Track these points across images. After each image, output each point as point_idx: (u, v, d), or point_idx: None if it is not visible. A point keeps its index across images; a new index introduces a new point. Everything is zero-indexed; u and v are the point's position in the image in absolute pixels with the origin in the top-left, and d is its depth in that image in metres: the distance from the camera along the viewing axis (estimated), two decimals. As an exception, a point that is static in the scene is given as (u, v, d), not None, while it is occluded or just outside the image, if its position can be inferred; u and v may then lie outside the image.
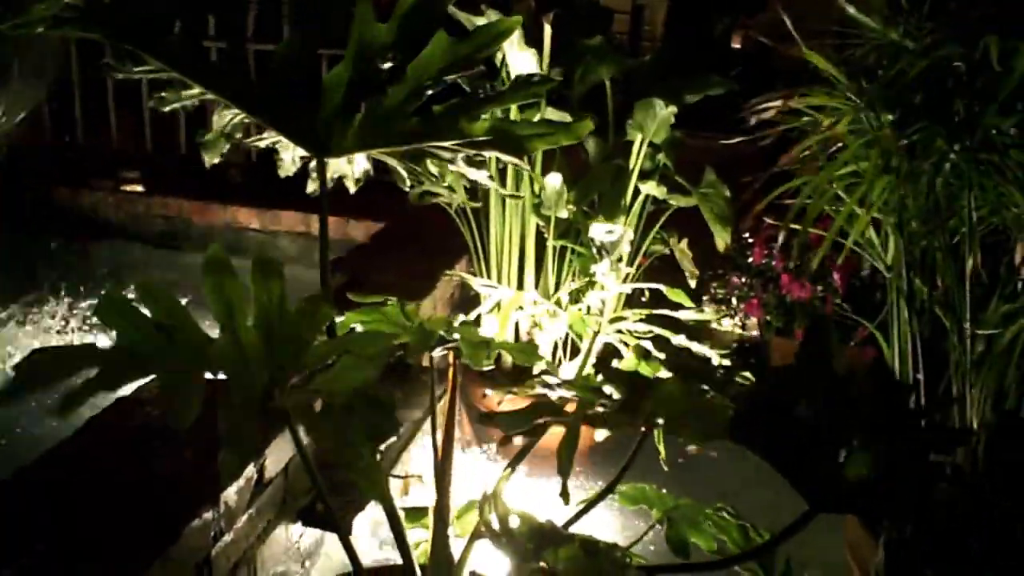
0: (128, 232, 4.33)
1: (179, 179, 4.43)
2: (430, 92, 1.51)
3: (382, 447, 1.42)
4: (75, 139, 5.05)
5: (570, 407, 1.54)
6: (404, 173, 1.71)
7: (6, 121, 3.47)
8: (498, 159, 2.04)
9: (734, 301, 3.43)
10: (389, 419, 1.35)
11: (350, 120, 1.48)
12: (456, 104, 1.46)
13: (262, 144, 1.77)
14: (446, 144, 1.49)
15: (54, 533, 1.67)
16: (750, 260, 3.27)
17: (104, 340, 3.22)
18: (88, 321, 3.62)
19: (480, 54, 1.48)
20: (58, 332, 3.61)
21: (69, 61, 4.85)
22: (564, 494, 1.44)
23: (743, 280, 3.31)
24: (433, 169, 1.66)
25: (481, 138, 1.44)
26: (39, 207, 4.38)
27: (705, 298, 3.58)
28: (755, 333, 3.42)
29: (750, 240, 3.32)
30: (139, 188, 4.37)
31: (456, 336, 1.72)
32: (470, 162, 1.62)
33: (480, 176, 1.66)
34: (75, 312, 3.70)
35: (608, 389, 1.44)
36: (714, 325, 3.40)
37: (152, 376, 1.31)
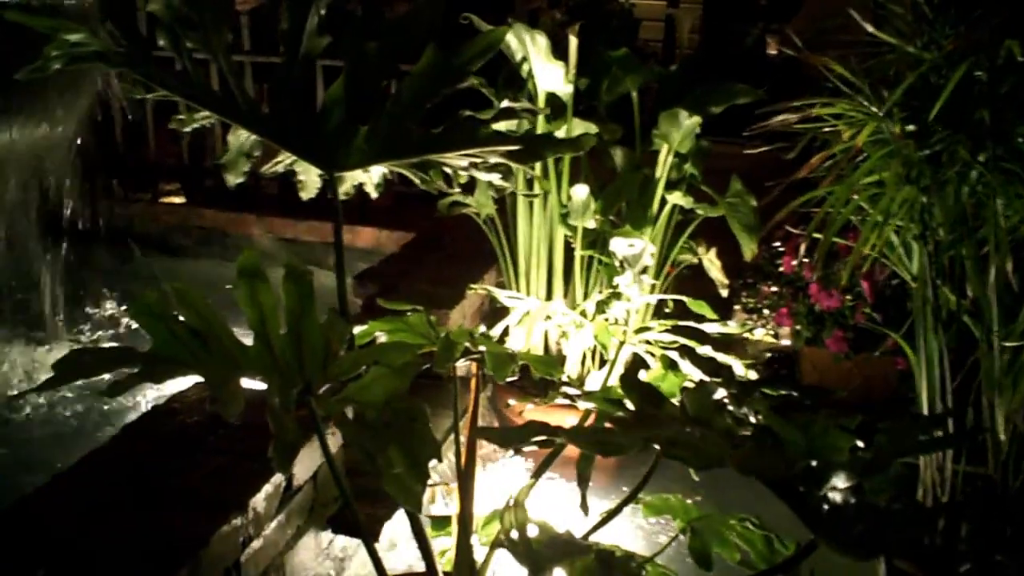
0: (166, 242, 4.42)
1: (215, 190, 4.51)
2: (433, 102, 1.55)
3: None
4: (116, 151, 5.15)
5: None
6: (417, 180, 1.74)
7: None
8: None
9: (765, 311, 3.42)
10: (424, 433, 1.38)
11: (353, 136, 1.51)
12: (452, 126, 1.49)
13: (280, 167, 1.81)
14: (452, 155, 1.52)
15: (84, 537, 1.72)
16: (780, 269, 3.26)
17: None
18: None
19: (471, 67, 1.51)
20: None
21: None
22: (583, 506, 1.45)
23: (773, 289, 3.30)
24: (448, 172, 1.69)
25: (486, 149, 1.47)
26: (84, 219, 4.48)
27: (736, 307, 3.57)
28: (788, 343, 3.40)
29: (780, 249, 3.31)
30: (178, 200, 4.46)
31: (480, 348, 1.75)
32: (480, 168, 1.65)
33: (493, 177, 1.69)
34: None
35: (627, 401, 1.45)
36: (746, 335, 3.39)
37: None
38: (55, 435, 3.05)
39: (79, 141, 3.81)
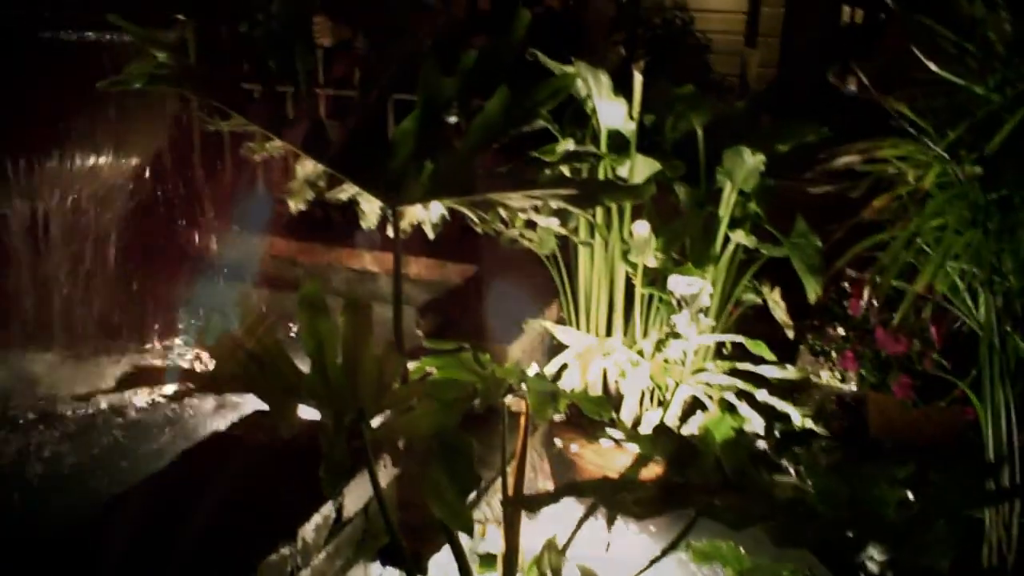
0: (237, 271, 4.52)
1: (287, 220, 4.60)
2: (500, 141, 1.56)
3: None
4: (193, 178, 5.30)
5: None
6: (475, 218, 1.76)
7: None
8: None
9: (832, 353, 3.33)
10: (468, 469, 1.39)
11: (419, 171, 1.53)
12: (516, 166, 1.50)
13: (343, 196, 1.84)
14: (514, 196, 1.53)
15: (133, 560, 1.75)
16: (848, 311, 3.18)
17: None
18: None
19: (541, 108, 1.51)
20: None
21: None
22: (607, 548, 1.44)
23: (840, 332, 3.21)
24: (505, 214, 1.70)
25: (546, 192, 1.47)
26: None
27: (802, 348, 3.49)
28: (854, 387, 3.31)
29: (848, 290, 3.23)
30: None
31: (526, 387, 1.74)
32: (541, 211, 1.65)
33: (551, 223, 1.69)
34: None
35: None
36: (812, 377, 3.31)
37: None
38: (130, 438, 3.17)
39: (159, 169, 3.96)
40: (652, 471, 1.56)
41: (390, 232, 2.05)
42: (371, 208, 1.93)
